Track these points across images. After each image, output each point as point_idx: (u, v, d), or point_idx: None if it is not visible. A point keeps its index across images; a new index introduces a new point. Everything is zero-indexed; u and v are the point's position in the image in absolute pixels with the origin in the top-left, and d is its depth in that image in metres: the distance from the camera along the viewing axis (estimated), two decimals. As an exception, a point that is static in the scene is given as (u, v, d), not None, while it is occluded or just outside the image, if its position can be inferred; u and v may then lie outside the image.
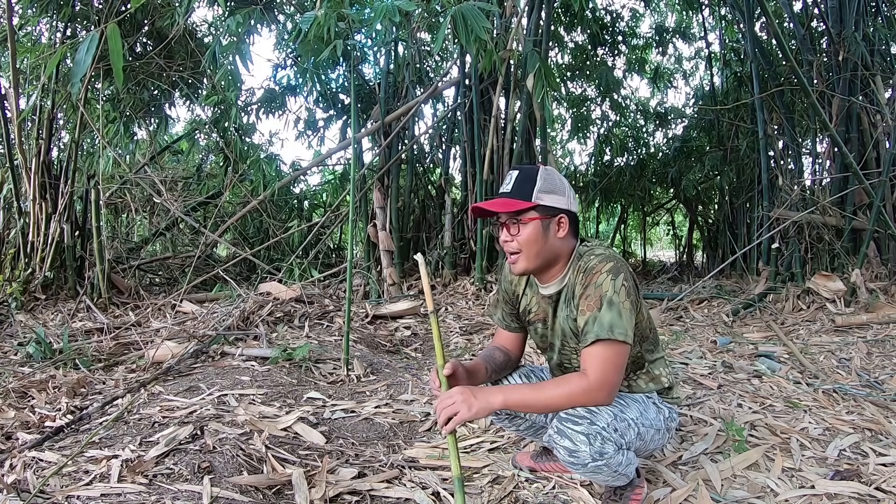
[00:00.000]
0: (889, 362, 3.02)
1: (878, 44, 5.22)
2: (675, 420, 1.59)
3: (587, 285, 1.37)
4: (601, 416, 1.35)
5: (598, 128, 8.99)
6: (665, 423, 1.54)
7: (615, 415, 1.38)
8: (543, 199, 1.42)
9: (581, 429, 1.33)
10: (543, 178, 1.43)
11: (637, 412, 1.45)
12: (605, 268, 1.36)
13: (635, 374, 1.55)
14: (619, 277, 1.35)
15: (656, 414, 1.51)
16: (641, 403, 1.49)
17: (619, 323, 1.31)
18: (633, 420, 1.42)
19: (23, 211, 4.44)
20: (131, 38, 4.95)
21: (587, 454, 1.33)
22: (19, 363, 2.88)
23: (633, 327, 1.34)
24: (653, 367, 1.56)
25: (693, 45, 9.09)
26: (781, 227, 5.19)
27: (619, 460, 1.38)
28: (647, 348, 1.54)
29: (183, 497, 1.52)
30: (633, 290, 1.38)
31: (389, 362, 3.14)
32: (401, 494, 1.67)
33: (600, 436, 1.33)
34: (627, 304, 1.34)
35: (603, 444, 1.33)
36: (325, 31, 2.82)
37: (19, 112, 4.31)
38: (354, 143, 4.38)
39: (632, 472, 1.46)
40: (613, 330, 1.30)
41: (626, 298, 1.34)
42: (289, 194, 7.02)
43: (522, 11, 5.45)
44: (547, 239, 1.43)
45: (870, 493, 1.61)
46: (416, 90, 6.28)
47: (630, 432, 1.40)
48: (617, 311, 1.32)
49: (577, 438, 1.33)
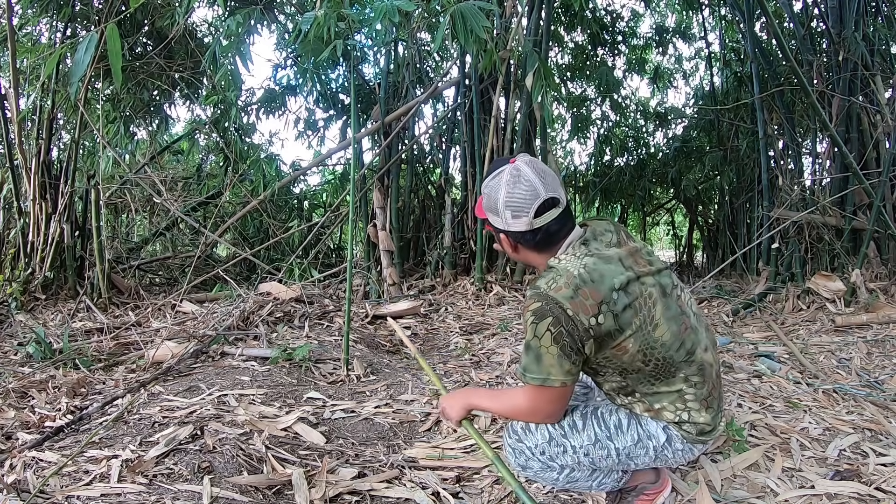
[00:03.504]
0: (889, 362, 3.02)
1: (878, 44, 5.22)
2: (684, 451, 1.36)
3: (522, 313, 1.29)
4: (532, 437, 1.39)
5: (598, 128, 8.99)
6: (657, 451, 1.34)
7: (551, 438, 1.37)
8: (488, 213, 1.34)
9: (510, 442, 1.44)
10: (486, 193, 1.32)
11: (588, 439, 1.34)
12: (531, 306, 1.22)
13: (626, 399, 1.37)
14: (543, 323, 1.19)
15: (635, 441, 1.34)
16: (610, 430, 1.35)
17: (534, 368, 1.23)
18: (574, 447, 1.35)
19: (23, 211, 4.44)
20: (131, 38, 4.95)
21: (514, 463, 1.45)
22: (19, 363, 2.88)
23: (563, 370, 1.21)
24: (651, 399, 1.33)
25: (693, 45, 9.10)
26: (781, 227, 5.19)
27: (553, 476, 1.43)
28: (640, 380, 1.31)
29: (183, 497, 1.52)
30: (569, 335, 1.19)
31: (389, 362, 3.14)
32: (401, 494, 1.67)
33: (524, 454, 1.41)
34: (553, 350, 1.20)
35: (527, 461, 1.42)
36: (325, 31, 2.82)
37: (19, 112, 4.31)
38: (354, 143, 4.37)
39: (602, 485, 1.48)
40: (526, 374, 1.25)
41: (553, 344, 1.20)
42: (289, 194, 7.02)
43: (522, 11, 5.45)
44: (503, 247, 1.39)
45: (870, 493, 1.61)
46: (416, 90, 6.28)
47: (565, 458, 1.37)
48: (534, 356, 1.22)
49: (506, 449, 1.47)
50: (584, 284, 1.21)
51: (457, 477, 1.78)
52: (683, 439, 1.33)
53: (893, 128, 4.82)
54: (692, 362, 1.31)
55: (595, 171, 9.30)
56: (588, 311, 1.19)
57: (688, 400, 1.32)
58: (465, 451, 1.97)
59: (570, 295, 1.19)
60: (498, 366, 3.04)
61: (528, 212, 1.25)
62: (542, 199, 1.25)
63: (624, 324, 1.23)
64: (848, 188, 4.96)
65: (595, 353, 1.25)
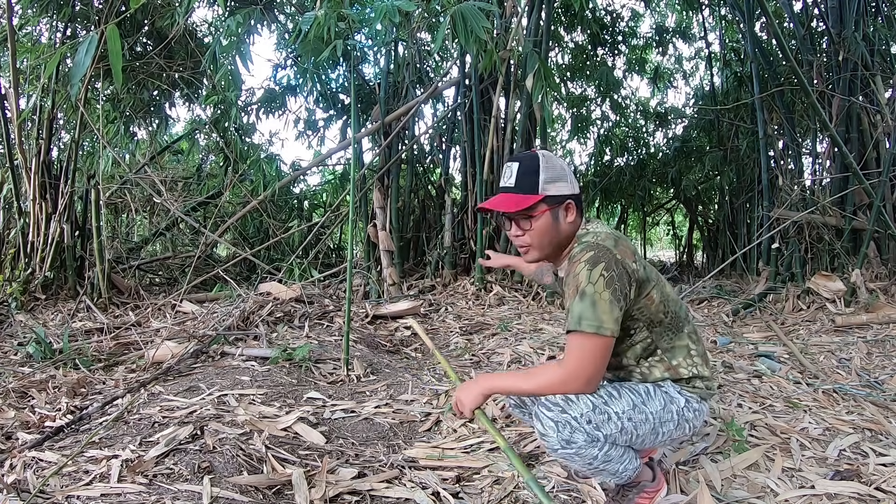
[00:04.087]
0: (889, 362, 3.02)
1: (878, 44, 5.22)
2: (699, 411, 1.47)
3: (569, 273, 1.37)
4: (576, 406, 1.34)
5: (598, 128, 8.99)
6: (679, 414, 1.43)
7: (594, 406, 1.35)
8: (549, 189, 1.40)
9: (551, 415, 1.34)
10: (545, 167, 1.41)
11: (627, 405, 1.38)
12: (583, 257, 1.34)
13: (647, 362, 1.47)
14: (597, 268, 1.31)
15: (663, 406, 1.42)
16: (641, 395, 1.41)
17: (590, 314, 1.28)
18: (617, 413, 1.36)
19: (23, 211, 4.44)
20: (131, 38, 4.95)
21: (555, 440, 1.34)
22: (19, 363, 2.88)
23: (613, 318, 1.29)
24: (669, 356, 1.46)
25: (693, 45, 9.11)
26: (781, 227, 5.19)
27: (594, 453, 1.35)
28: (662, 334, 1.44)
29: (183, 497, 1.52)
30: (619, 279, 1.32)
31: (389, 362, 3.14)
32: (401, 494, 1.67)
33: (569, 425, 1.33)
34: (606, 295, 1.29)
35: (572, 433, 1.33)
36: (325, 31, 2.82)
37: (19, 112, 4.31)
38: (354, 143, 4.38)
39: (621, 469, 1.42)
40: (581, 322, 1.29)
41: (605, 289, 1.29)
42: (289, 194, 7.02)
43: (522, 11, 5.45)
44: (558, 227, 1.44)
45: (870, 493, 1.61)
46: (416, 90, 6.28)
47: (609, 426, 1.35)
48: (589, 302, 1.29)
49: (546, 423, 1.34)
50: (620, 239, 1.41)
51: (457, 477, 1.78)
52: (698, 398, 1.47)
53: (893, 128, 4.82)
54: (689, 321, 1.52)
55: (595, 171, 9.30)
56: (629, 258, 1.37)
57: (693, 355, 1.49)
58: (465, 451, 1.97)
59: (614, 244, 1.37)
60: (498, 366, 3.04)
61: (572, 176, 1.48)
62: None
63: (650, 275, 1.42)
64: (848, 188, 4.96)
65: (634, 300, 1.38)
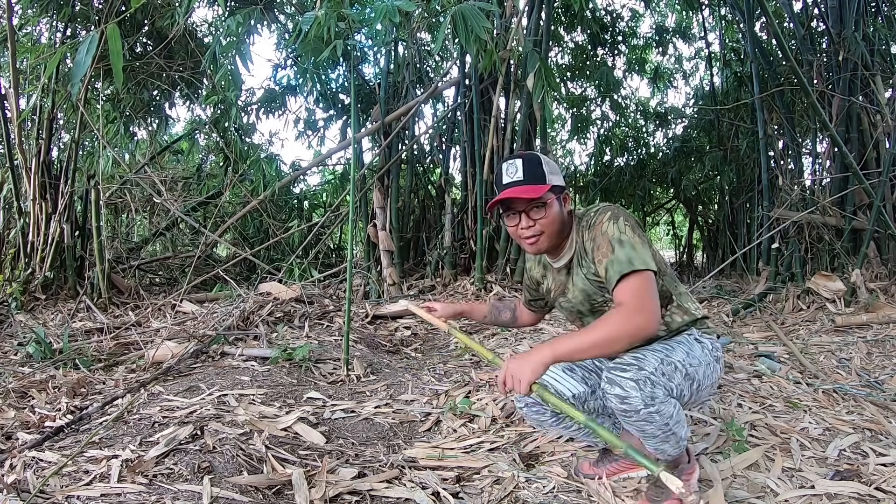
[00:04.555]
0: (889, 362, 3.02)
1: (878, 44, 5.22)
2: (719, 349, 1.59)
3: (594, 237, 1.48)
4: (648, 361, 1.38)
5: (598, 128, 8.99)
6: (712, 354, 1.54)
7: (661, 359, 1.40)
8: (553, 180, 1.53)
9: (630, 375, 1.35)
10: (546, 161, 1.55)
11: (683, 353, 1.47)
12: (604, 217, 1.48)
13: (667, 310, 1.56)
14: (620, 219, 1.45)
15: (701, 350, 1.52)
16: (685, 343, 1.51)
17: (635, 254, 1.38)
18: (679, 362, 1.43)
19: (23, 211, 4.44)
20: (131, 38, 4.95)
21: (639, 399, 1.34)
22: (19, 363, 2.88)
23: (651, 255, 1.41)
24: (681, 300, 1.59)
25: (693, 45, 9.10)
26: (781, 227, 5.19)
27: (670, 411, 1.38)
28: (669, 282, 1.58)
29: (183, 497, 1.52)
30: (637, 226, 1.47)
31: (389, 362, 3.14)
32: (401, 494, 1.67)
33: (649, 380, 1.35)
34: (637, 238, 1.42)
35: (653, 388, 1.35)
36: (325, 31, 2.82)
37: (19, 112, 4.31)
38: (354, 143, 4.38)
39: (682, 434, 1.44)
40: (633, 262, 1.37)
41: (634, 233, 1.43)
42: (289, 194, 7.03)
43: (522, 11, 5.45)
44: (562, 215, 1.56)
45: (870, 493, 1.61)
46: (416, 90, 6.28)
47: (677, 375, 1.42)
48: (630, 245, 1.40)
49: (626, 385, 1.35)
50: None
51: (457, 477, 1.78)
52: (709, 336, 1.58)
53: (893, 128, 4.82)
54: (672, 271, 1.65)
55: (595, 171, 9.30)
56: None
57: (692, 300, 1.63)
58: (465, 451, 1.97)
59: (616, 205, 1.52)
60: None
61: None
62: None
63: None
64: (848, 188, 4.96)
65: None
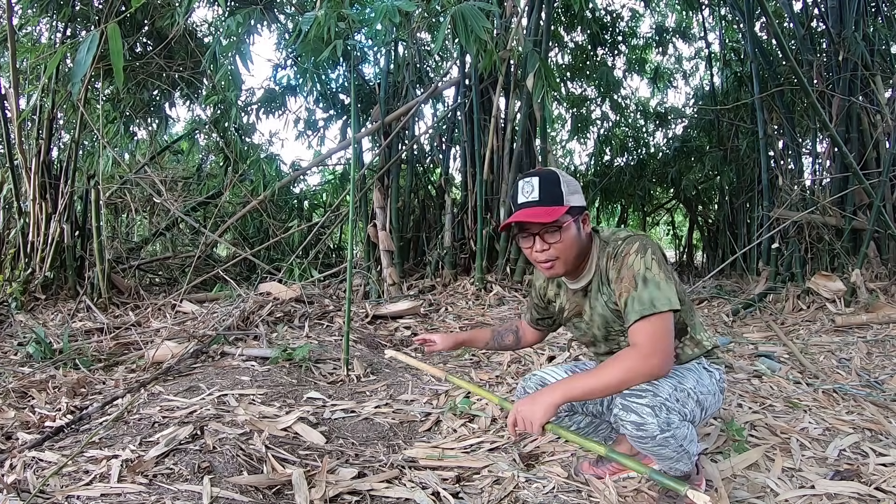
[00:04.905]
0: (889, 362, 3.02)
1: (878, 44, 5.22)
2: (724, 381, 1.62)
3: (619, 268, 1.43)
4: (663, 388, 1.38)
5: (598, 128, 8.99)
6: (718, 385, 1.57)
7: (675, 386, 1.41)
8: (572, 200, 1.46)
9: (646, 401, 1.35)
10: (565, 180, 1.47)
11: (694, 381, 1.48)
12: (632, 248, 1.43)
13: (681, 342, 1.57)
14: (647, 253, 1.41)
15: (710, 379, 1.54)
16: (695, 372, 1.52)
17: (659, 294, 1.36)
18: (691, 390, 1.45)
19: (23, 211, 4.44)
20: (131, 38, 4.95)
21: (655, 425, 1.35)
22: (19, 363, 2.88)
23: (675, 293, 1.38)
24: (694, 332, 1.59)
25: (693, 45, 9.10)
26: (781, 227, 5.19)
27: (684, 433, 1.40)
28: (686, 313, 1.56)
29: (183, 497, 1.52)
30: (665, 259, 1.44)
31: (389, 362, 3.14)
32: (401, 494, 1.67)
33: (665, 406, 1.35)
34: (662, 275, 1.38)
35: (669, 414, 1.36)
36: (325, 31, 2.82)
37: (19, 112, 4.31)
38: (354, 143, 4.38)
39: (694, 450, 1.46)
40: (655, 303, 1.35)
41: (660, 270, 1.39)
42: (289, 194, 7.02)
43: (522, 11, 5.45)
44: (580, 238, 1.49)
45: (870, 493, 1.61)
46: (416, 90, 6.28)
47: (690, 402, 1.43)
48: (654, 284, 1.37)
49: (643, 411, 1.35)
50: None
51: (457, 477, 1.78)
52: (718, 367, 1.60)
53: (893, 128, 4.82)
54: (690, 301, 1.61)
55: (595, 171, 9.30)
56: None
57: (705, 328, 1.63)
58: (465, 451, 1.97)
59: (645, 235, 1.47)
60: (498, 366, 3.04)
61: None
62: None
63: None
64: (848, 188, 4.96)
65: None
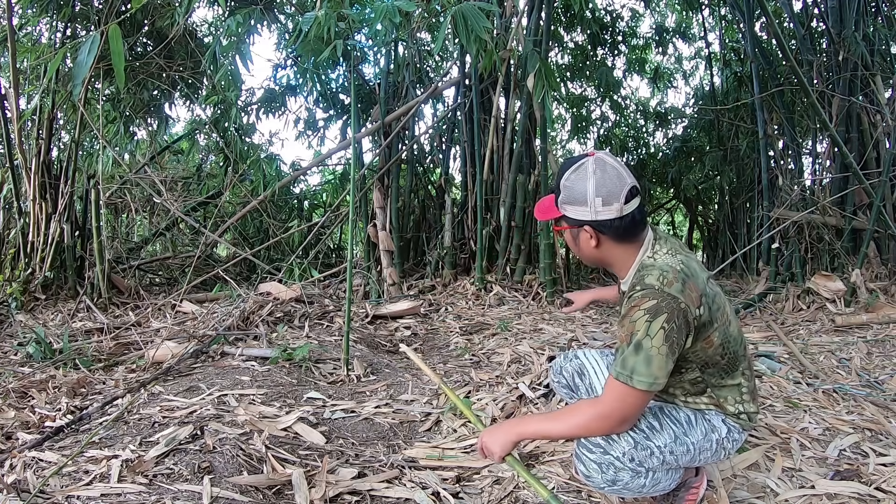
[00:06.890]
0: (889, 362, 3.02)
1: (878, 44, 5.22)
2: (738, 441, 1.43)
3: (626, 314, 1.27)
4: (618, 446, 1.29)
5: (598, 128, 8.99)
6: (718, 443, 1.39)
7: (636, 443, 1.30)
8: (566, 209, 1.34)
9: (594, 457, 1.30)
10: (566, 186, 1.32)
11: (669, 437, 1.33)
12: (644, 304, 1.23)
13: (693, 399, 1.41)
14: (658, 320, 1.21)
15: (704, 435, 1.37)
16: (683, 425, 1.37)
17: (643, 370, 1.21)
18: (660, 447, 1.32)
19: (23, 211, 4.44)
20: (131, 39, 4.95)
21: (600, 481, 1.31)
22: (19, 363, 2.88)
23: (665, 372, 1.23)
24: (719, 393, 1.39)
25: (693, 45, 9.10)
26: (781, 227, 5.19)
27: (641, 482, 1.32)
28: (715, 374, 1.38)
29: (183, 497, 1.52)
30: (678, 331, 1.23)
31: (389, 362, 3.14)
32: (401, 494, 1.67)
33: (613, 466, 1.29)
34: (663, 350, 1.21)
35: (616, 473, 1.29)
36: (326, 31, 2.82)
37: (19, 112, 4.30)
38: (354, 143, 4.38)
39: (672, 483, 1.40)
40: (633, 377, 1.22)
41: (664, 343, 1.21)
42: (289, 194, 7.03)
43: (522, 11, 5.45)
44: (580, 247, 1.37)
45: (870, 493, 1.61)
46: (416, 90, 6.28)
47: (652, 460, 1.31)
48: (644, 357, 1.21)
49: (589, 466, 1.31)
50: (688, 278, 1.26)
51: (457, 477, 1.78)
52: (741, 428, 1.42)
53: (893, 128, 4.82)
54: (746, 357, 1.41)
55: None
56: (694, 302, 1.25)
57: (743, 392, 1.41)
58: (465, 451, 1.97)
59: (680, 288, 1.23)
60: (498, 366, 3.04)
61: (620, 197, 1.28)
62: (630, 185, 1.29)
63: (714, 317, 1.30)
64: (848, 188, 4.96)
65: (689, 346, 1.29)
